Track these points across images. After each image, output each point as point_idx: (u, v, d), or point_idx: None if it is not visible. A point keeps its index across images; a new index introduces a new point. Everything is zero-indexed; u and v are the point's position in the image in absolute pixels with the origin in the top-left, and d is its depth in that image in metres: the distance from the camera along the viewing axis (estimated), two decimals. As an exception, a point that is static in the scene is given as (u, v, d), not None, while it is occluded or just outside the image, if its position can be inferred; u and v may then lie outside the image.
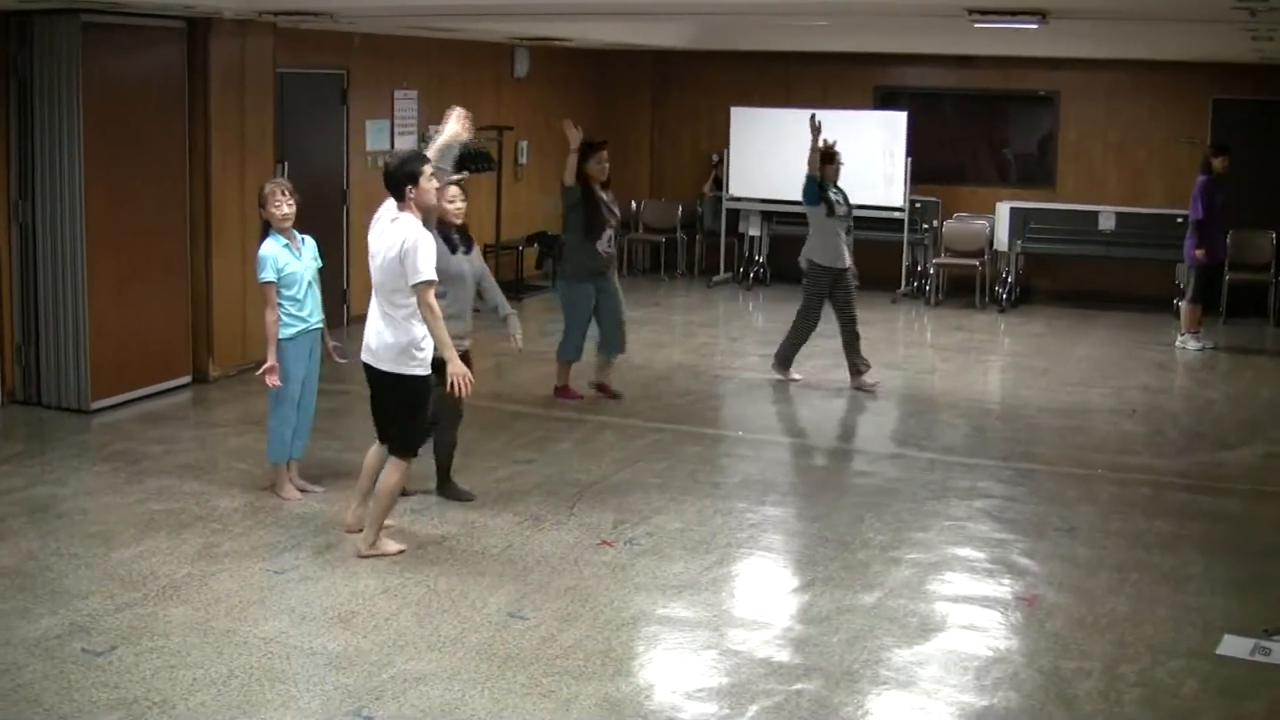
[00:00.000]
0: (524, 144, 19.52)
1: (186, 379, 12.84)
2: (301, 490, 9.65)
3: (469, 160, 12.49)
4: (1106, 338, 16.71)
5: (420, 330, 8.26)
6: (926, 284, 19.03)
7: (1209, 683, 7.12)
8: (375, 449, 8.84)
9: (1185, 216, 16.89)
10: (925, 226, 19.21)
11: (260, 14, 12.60)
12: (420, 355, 8.33)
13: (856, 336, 13.34)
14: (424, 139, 16.95)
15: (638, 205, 21.14)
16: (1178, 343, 16.31)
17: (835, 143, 13.46)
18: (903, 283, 19.09)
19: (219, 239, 12.96)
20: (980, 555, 8.90)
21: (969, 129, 21.27)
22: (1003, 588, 8.40)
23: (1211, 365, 15.80)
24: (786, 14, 13.48)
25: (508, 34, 17.26)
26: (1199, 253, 16.09)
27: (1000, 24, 11.43)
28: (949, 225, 19.16)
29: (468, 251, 9.72)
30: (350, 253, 15.95)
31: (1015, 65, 19.36)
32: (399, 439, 8.53)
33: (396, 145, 16.80)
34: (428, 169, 8.37)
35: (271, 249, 9.28)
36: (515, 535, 9.00)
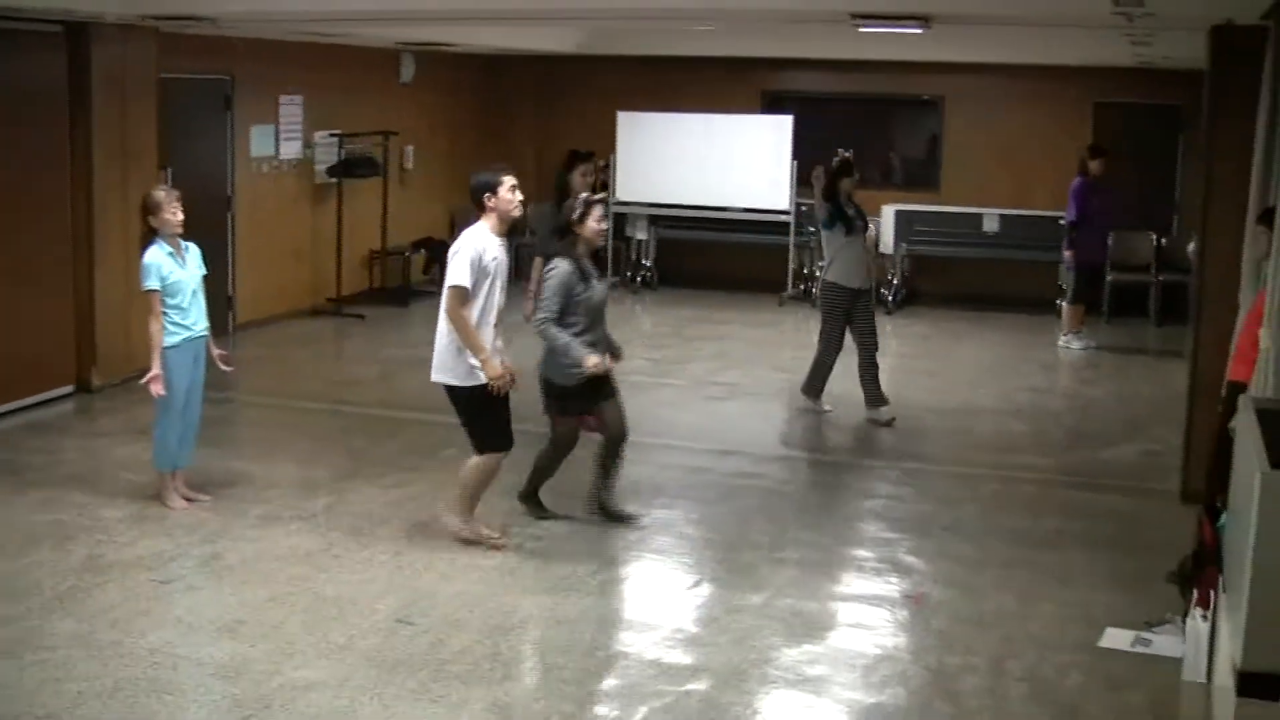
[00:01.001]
0: (410, 149, 19.44)
1: (69, 388, 12.70)
2: (188, 499, 9.57)
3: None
4: (992, 339, 16.90)
5: (456, 346, 8.53)
6: (814, 287, 19.14)
7: (1092, 676, 7.25)
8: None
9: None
10: (811, 229, 19.31)
11: (142, 19, 12.48)
12: (453, 365, 8.62)
13: (876, 365, 12.68)
14: (308, 145, 16.93)
15: (524, 209, 21.03)
16: (1060, 343, 16.54)
17: (850, 153, 13.38)
18: (789, 285, 19.19)
19: (102, 247, 12.82)
20: (867, 554, 8.99)
21: (855, 133, 21.39)
22: (889, 586, 8.49)
23: (1094, 365, 16.03)
24: (673, 19, 13.52)
25: (393, 39, 17.21)
26: (1068, 254, 16.37)
27: (884, 28, 11.52)
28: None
29: (601, 277, 9.35)
30: (235, 260, 15.84)
31: (900, 70, 19.53)
32: (473, 443, 8.84)
33: (281, 151, 16.72)
34: (509, 179, 8.66)
35: (156, 257, 9.19)
36: (403, 541, 8.98)
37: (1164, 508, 10.19)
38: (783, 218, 19.04)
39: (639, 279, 20.26)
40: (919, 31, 11.44)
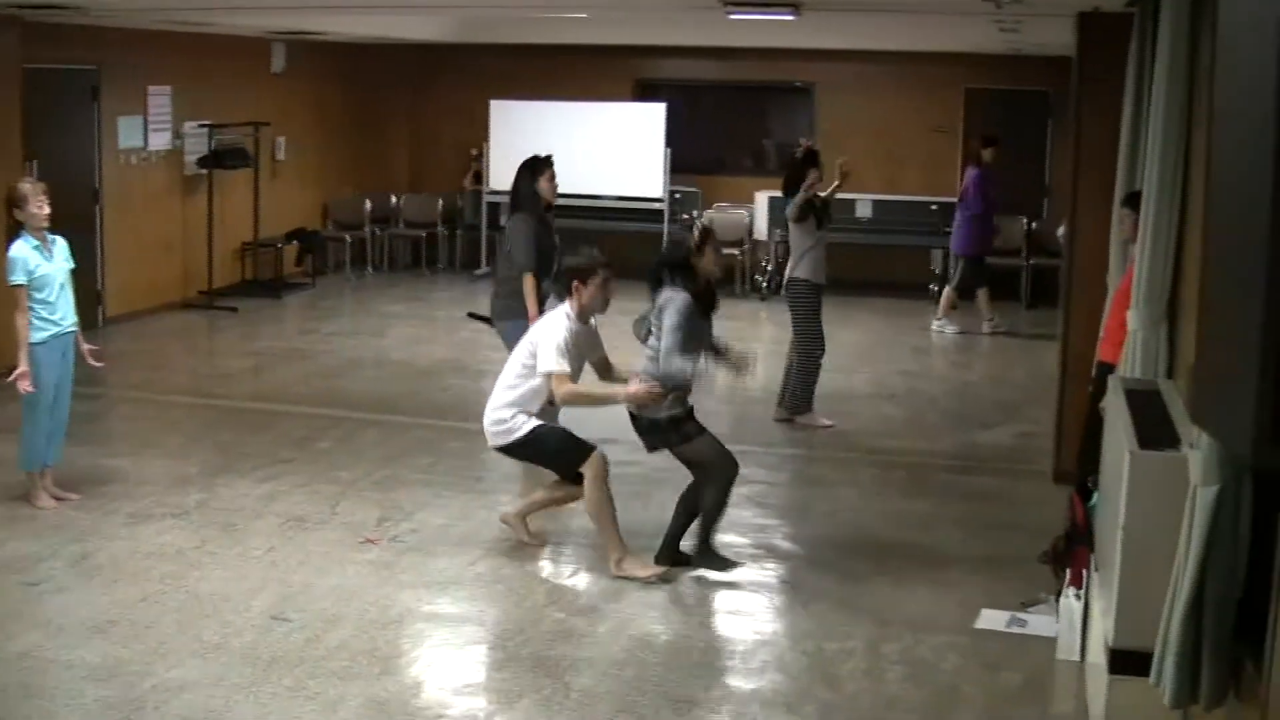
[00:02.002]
0: (281, 140, 19.25)
1: (-68, 386, 12.46)
2: (57, 498, 9.41)
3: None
4: (866, 324, 16.99)
5: (510, 413, 8.51)
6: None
7: (969, 657, 7.32)
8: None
9: (940, 204, 17.37)
10: (685, 216, 19.35)
11: (4, 7, 12.25)
12: (506, 427, 8.52)
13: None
14: (178, 136, 16.72)
15: (397, 200, 21.02)
16: (934, 327, 16.69)
17: (814, 142, 13.13)
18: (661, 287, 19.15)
19: (-38, 241, 12.56)
20: (744, 540, 9.00)
21: (728, 120, 21.53)
22: (766, 572, 8.52)
23: (968, 348, 16.19)
24: (546, 8, 13.49)
25: (263, 28, 17.03)
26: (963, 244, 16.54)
27: (755, 15, 11.56)
28: (709, 215, 19.35)
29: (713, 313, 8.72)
30: (104, 253, 15.61)
31: (773, 57, 19.60)
32: (567, 476, 8.71)
33: (150, 142, 16.50)
34: (603, 275, 8.50)
35: (22, 251, 9.02)
36: (277, 536, 8.89)
37: (1037, 489, 10.31)
38: (656, 205, 19.06)
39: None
40: (790, 18, 11.48)
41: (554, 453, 8.60)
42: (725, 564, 8.51)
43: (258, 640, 7.26)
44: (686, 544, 8.56)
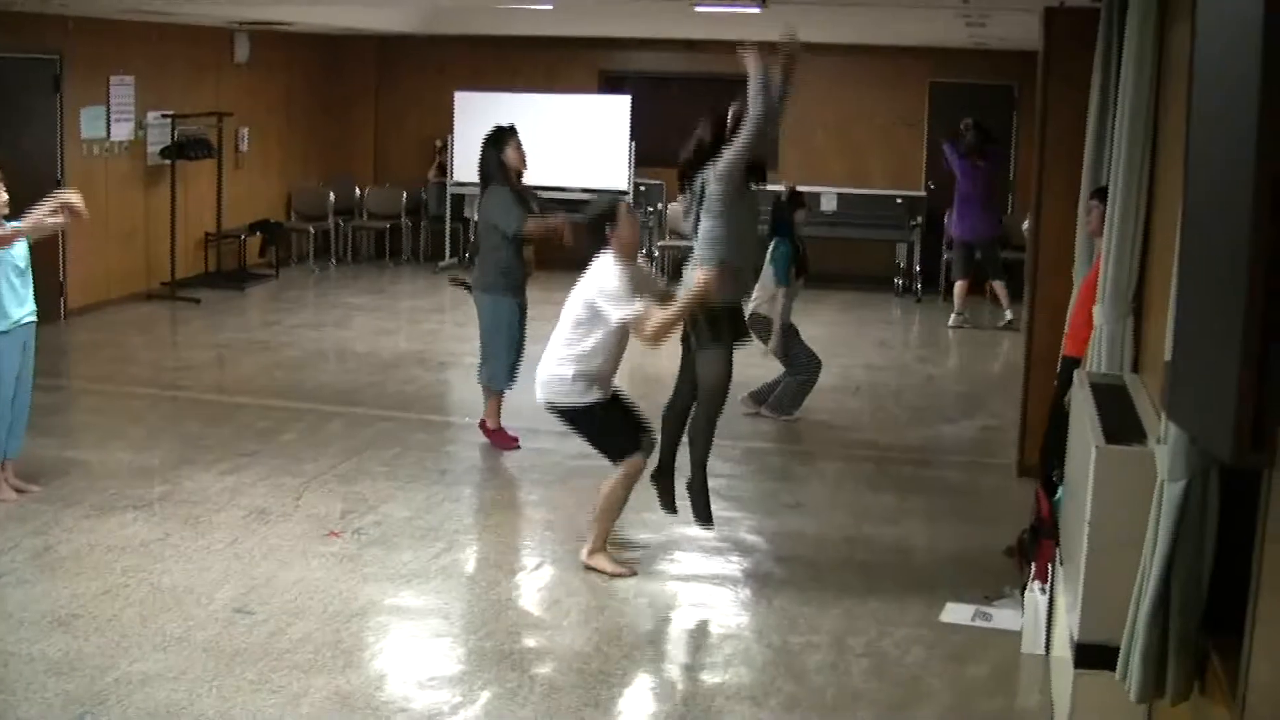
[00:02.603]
0: (245, 130, 19.19)
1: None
2: (18, 490, 9.33)
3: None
4: (830, 317, 16.99)
5: (571, 370, 8.13)
6: (652, 266, 19.15)
7: (934, 650, 7.33)
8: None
9: (905, 198, 17.50)
10: (650, 209, 19.34)
11: (-36, -4, 12.19)
12: (566, 389, 8.18)
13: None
14: (141, 126, 16.64)
15: (362, 191, 20.97)
16: (952, 322, 16.85)
17: (794, 184, 13.04)
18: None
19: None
20: (708, 534, 8.99)
21: (693, 113, 21.43)
22: (731, 565, 8.52)
23: (931, 341, 16.23)
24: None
25: (227, 18, 16.96)
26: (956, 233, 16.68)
27: (721, 8, 11.55)
28: (673, 208, 19.32)
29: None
30: (66, 244, 15.51)
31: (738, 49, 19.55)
32: (608, 457, 8.38)
33: (113, 133, 16.42)
34: (624, 207, 8.33)
35: (-21, 240, 8.96)
36: (240, 529, 8.84)
37: (1001, 482, 10.34)
38: (622, 198, 18.99)
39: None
40: (756, 11, 11.48)
41: (603, 435, 8.33)
42: (707, 517, 8.61)
43: (221, 633, 7.22)
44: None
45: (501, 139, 10.60)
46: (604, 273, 8.11)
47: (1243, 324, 3.41)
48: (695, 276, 8.11)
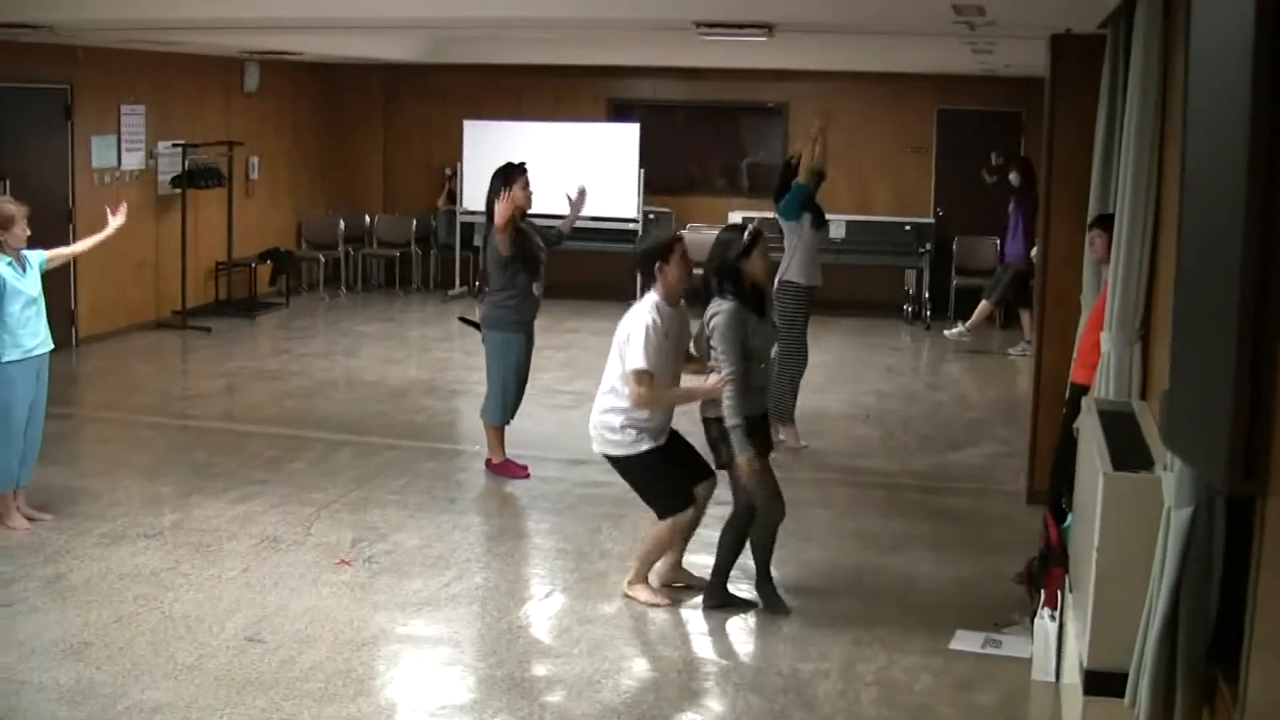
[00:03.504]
0: (255, 159, 19.26)
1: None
2: (30, 519, 9.36)
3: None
4: (839, 344, 17.01)
5: (618, 420, 8.06)
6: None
7: (942, 677, 7.32)
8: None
9: (914, 224, 17.62)
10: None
11: (-24, 27, 12.23)
12: (615, 438, 8.09)
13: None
14: (151, 155, 16.70)
15: (371, 220, 21.03)
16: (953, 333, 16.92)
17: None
18: (638, 293, 19.13)
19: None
20: (700, 559, 8.99)
21: (701, 140, 21.59)
22: (741, 592, 8.50)
23: (939, 368, 16.24)
24: (517, 28, 13.49)
25: (236, 48, 17.01)
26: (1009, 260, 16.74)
27: (728, 37, 11.58)
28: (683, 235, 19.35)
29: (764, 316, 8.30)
30: (77, 273, 15.57)
31: (745, 77, 19.67)
32: (655, 510, 8.29)
33: (124, 161, 16.48)
34: (680, 247, 8.17)
35: (-2, 270, 8.99)
36: (252, 558, 8.86)
37: (1010, 509, 10.34)
38: (630, 225, 19.06)
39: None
40: (762, 39, 11.51)
41: (651, 486, 8.22)
42: (781, 606, 8.28)
43: (232, 662, 7.23)
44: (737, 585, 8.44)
45: (510, 176, 10.58)
46: (638, 316, 8.03)
47: (1235, 354, 3.44)
48: (711, 381, 7.89)
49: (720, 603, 8.24)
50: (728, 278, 7.99)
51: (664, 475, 8.19)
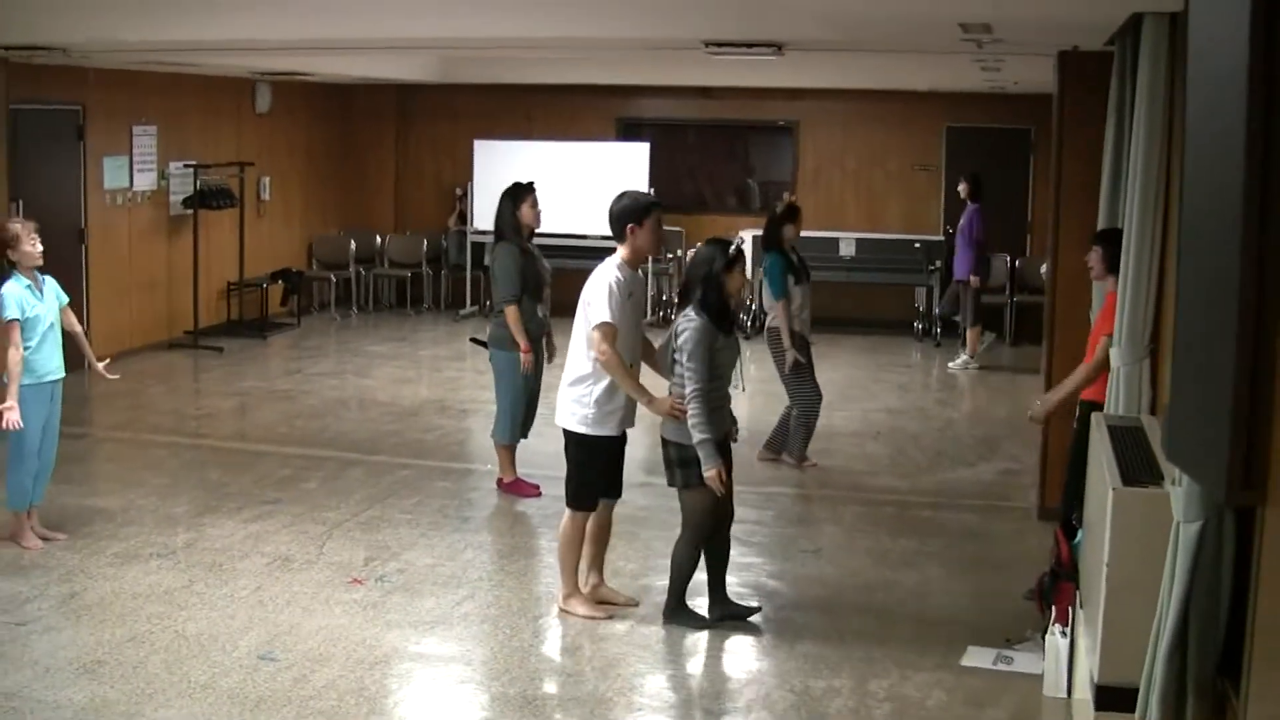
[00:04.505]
0: (266, 179, 19.31)
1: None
2: (44, 538, 9.39)
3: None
4: (849, 361, 17.04)
5: (589, 391, 8.07)
6: (672, 313, 19.15)
7: (954, 693, 7.33)
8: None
9: (924, 242, 17.74)
10: (670, 256, 19.39)
11: (-10, 49, 12.29)
12: (581, 413, 8.09)
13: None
14: (163, 176, 16.75)
15: (382, 240, 21.08)
16: (958, 364, 16.84)
17: (795, 198, 13.02)
18: (648, 313, 19.18)
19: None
20: (730, 579, 8.97)
21: (710, 159, 21.66)
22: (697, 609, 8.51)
23: (950, 385, 16.25)
24: (528, 48, 13.53)
25: (248, 68, 17.08)
26: (975, 278, 16.65)
27: (737, 55, 11.62)
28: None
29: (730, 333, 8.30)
30: (90, 293, 15.63)
31: (755, 96, 19.73)
32: (567, 491, 8.36)
33: (136, 182, 16.53)
34: (657, 213, 8.24)
35: (14, 290, 8.99)
36: (264, 576, 8.89)
37: (1021, 525, 10.36)
38: (661, 250, 19.07)
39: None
40: (771, 58, 11.55)
41: (583, 471, 8.23)
42: (743, 611, 8.34)
43: (245, 680, 7.25)
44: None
45: (519, 195, 10.59)
46: (602, 276, 8.08)
47: (1234, 366, 3.47)
48: (664, 403, 7.97)
49: (674, 615, 8.26)
50: (711, 288, 8.02)
51: (599, 468, 8.23)
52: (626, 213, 8.19)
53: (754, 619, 8.32)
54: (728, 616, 8.29)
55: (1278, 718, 3.79)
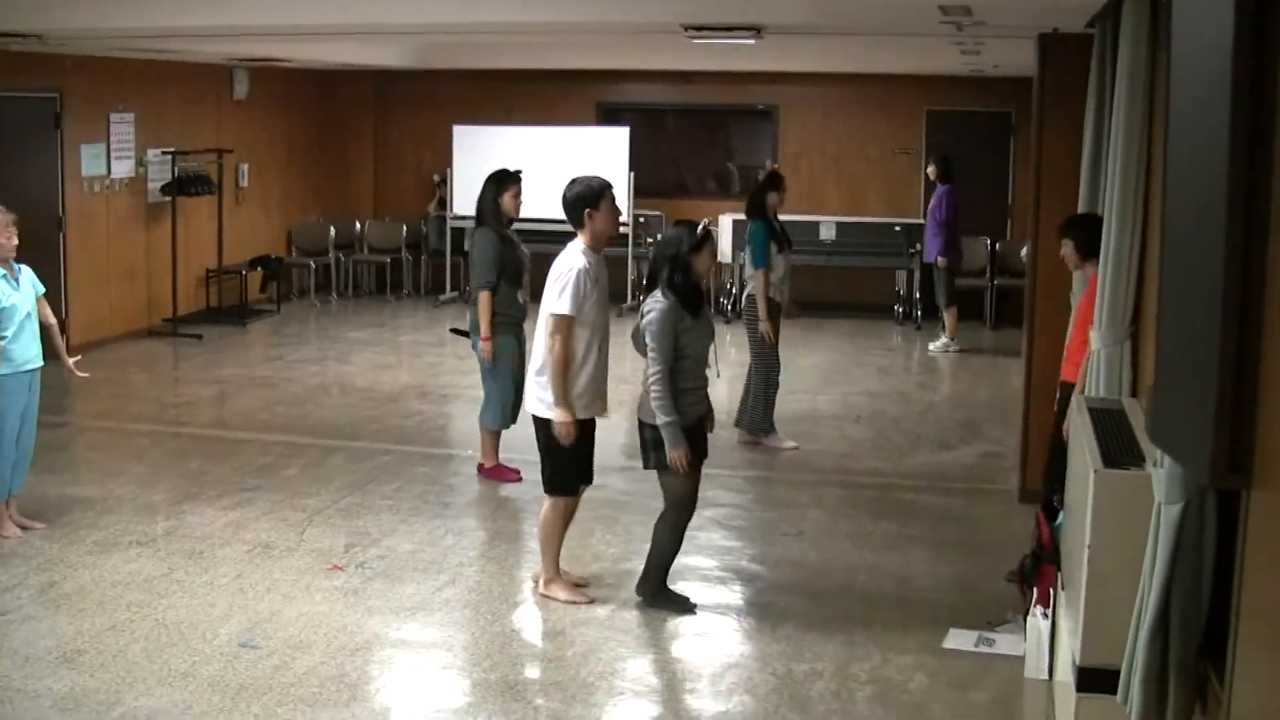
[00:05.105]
0: (245, 166, 19.26)
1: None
2: (22, 527, 9.35)
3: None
4: (830, 345, 17.05)
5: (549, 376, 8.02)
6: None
7: (937, 676, 7.34)
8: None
9: (904, 225, 17.66)
10: (650, 240, 19.35)
11: (-36, 37, 12.23)
12: (549, 398, 8.04)
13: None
14: (141, 163, 16.69)
15: (361, 226, 21.03)
16: (936, 347, 16.86)
17: (777, 164, 12.96)
18: (629, 297, 19.17)
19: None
20: (711, 563, 9.02)
21: (691, 143, 21.65)
22: (733, 594, 8.54)
23: (931, 368, 16.26)
24: (506, 32, 13.49)
25: (226, 55, 17.02)
26: (943, 259, 16.65)
27: (717, 40, 11.59)
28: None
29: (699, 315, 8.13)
30: (68, 281, 15.57)
31: (735, 80, 19.72)
32: (543, 478, 8.35)
33: (113, 170, 16.47)
34: (610, 194, 8.21)
35: (-12, 280, 8.98)
36: (245, 564, 8.86)
37: (1002, 508, 10.37)
38: (620, 230, 19.02)
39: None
40: (751, 42, 11.53)
41: (557, 458, 8.18)
42: (684, 605, 8.27)
43: (226, 668, 7.23)
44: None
45: (503, 183, 10.54)
46: (569, 263, 8.08)
47: (1219, 348, 3.46)
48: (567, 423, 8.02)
49: (655, 598, 8.25)
50: (680, 269, 7.96)
51: (570, 452, 8.17)
52: (582, 198, 8.19)
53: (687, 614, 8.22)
54: (660, 600, 8.26)
55: (1261, 699, 3.78)
